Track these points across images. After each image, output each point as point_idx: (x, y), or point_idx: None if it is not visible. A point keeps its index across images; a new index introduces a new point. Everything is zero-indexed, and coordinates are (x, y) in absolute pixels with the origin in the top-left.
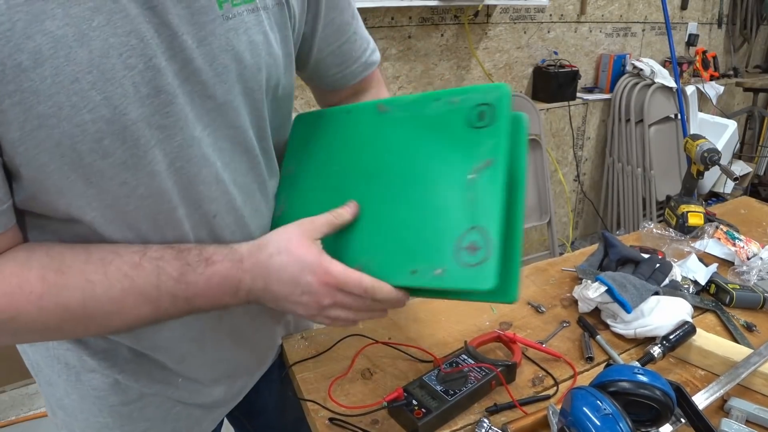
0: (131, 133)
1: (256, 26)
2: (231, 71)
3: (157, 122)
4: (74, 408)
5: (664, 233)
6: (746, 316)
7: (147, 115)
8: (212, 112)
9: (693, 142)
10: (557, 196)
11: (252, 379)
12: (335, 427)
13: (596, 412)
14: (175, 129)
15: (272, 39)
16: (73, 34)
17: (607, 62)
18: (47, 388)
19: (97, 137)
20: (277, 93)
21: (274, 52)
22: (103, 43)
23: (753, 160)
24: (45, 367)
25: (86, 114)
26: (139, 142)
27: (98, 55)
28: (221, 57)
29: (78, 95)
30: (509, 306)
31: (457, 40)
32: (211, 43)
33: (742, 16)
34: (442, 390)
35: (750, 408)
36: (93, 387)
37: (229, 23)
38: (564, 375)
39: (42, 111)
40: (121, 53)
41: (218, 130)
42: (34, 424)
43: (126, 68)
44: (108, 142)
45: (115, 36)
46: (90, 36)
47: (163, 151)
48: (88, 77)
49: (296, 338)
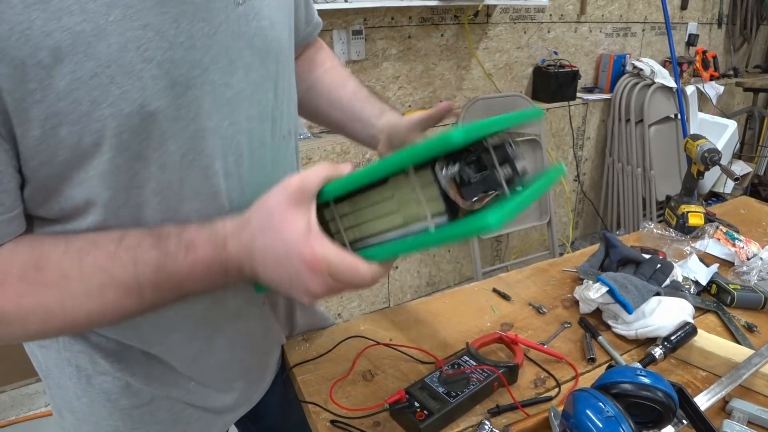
0: (148, 125)
1: (267, 8)
2: (245, 58)
3: (173, 114)
4: (84, 411)
5: (664, 233)
6: (747, 317)
7: (164, 107)
8: (231, 102)
9: (693, 142)
10: (557, 196)
11: (263, 385)
12: (337, 430)
13: (599, 414)
14: (187, 120)
15: (282, 18)
16: (91, 29)
17: (607, 62)
18: (57, 391)
19: (117, 131)
20: (288, 72)
21: (283, 33)
22: (121, 37)
23: (753, 160)
24: (54, 370)
25: (106, 109)
26: (153, 134)
27: (116, 49)
28: (235, 44)
29: (98, 90)
30: (511, 307)
31: (457, 40)
32: (225, 31)
33: (742, 16)
34: (444, 392)
35: (752, 409)
36: (104, 390)
37: (239, 9)
38: (566, 376)
39: (62, 108)
40: (138, 46)
41: (236, 120)
42: (34, 424)
43: (144, 61)
44: (127, 137)
45: (132, 29)
46: (107, 30)
47: (177, 143)
48: (107, 71)
49: (297, 340)
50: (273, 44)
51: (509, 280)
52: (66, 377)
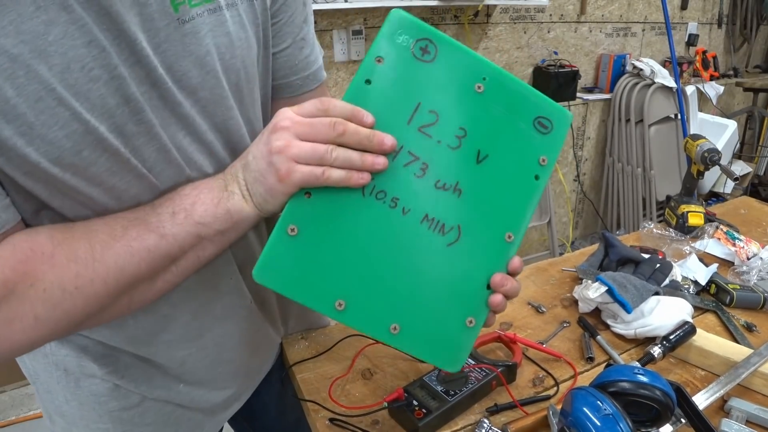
0: (108, 143)
1: (219, 27)
2: (192, 77)
3: (132, 130)
4: (74, 415)
5: (664, 233)
6: (746, 316)
7: (120, 124)
8: (186, 118)
9: (693, 142)
10: (557, 196)
11: (253, 383)
12: (335, 428)
13: (596, 413)
14: (150, 135)
15: (238, 37)
16: (29, 51)
17: (607, 62)
18: (46, 395)
19: (75, 150)
20: (250, 92)
21: (240, 52)
22: (63, 58)
23: (753, 160)
24: (43, 374)
25: (58, 131)
26: (119, 150)
27: (59, 70)
28: (180, 63)
29: (46, 113)
30: (510, 306)
31: (457, 40)
32: (167, 50)
33: (742, 16)
34: (443, 390)
35: (750, 408)
36: (93, 392)
37: (185, 27)
38: (564, 375)
39: (13, 132)
40: (83, 66)
41: (193, 134)
42: (34, 424)
43: (90, 81)
44: (87, 153)
45: (74, 48)
46: (48, 51)
47: (142, 156)
48: (53, 94)
49: (296, 338)
50: (232, 62)
51: None
52: (54, 381)
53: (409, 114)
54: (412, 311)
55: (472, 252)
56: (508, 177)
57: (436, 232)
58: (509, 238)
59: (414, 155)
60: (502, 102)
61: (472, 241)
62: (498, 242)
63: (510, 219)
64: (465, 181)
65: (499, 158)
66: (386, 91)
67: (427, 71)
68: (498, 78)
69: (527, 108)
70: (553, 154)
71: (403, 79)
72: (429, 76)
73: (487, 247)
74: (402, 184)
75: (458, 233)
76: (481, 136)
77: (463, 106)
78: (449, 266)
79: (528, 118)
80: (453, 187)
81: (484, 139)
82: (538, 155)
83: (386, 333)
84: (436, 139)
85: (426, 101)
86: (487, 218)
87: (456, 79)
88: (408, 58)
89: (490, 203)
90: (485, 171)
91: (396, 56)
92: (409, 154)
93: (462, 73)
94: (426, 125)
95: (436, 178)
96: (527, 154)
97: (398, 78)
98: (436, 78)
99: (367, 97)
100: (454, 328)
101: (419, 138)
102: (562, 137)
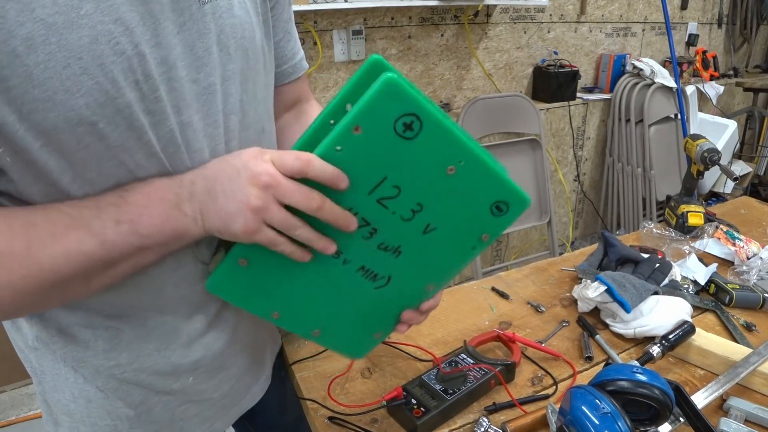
0: (124, 116)
1: (229, 10)
2: (212, 55)
3: (147, 107)
4: (81, 413)
5: (664, 233)
6: (746, 316)
7: (137, 99)
8: (201, 97)
9: (693, 142)
10: (557, 196)
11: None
12: (335, 426)
13: (595, 411)
14: (165, 114)
15: (251, 18)
16: (63, 21)
17: (607, 62)
18: (52, 394)
19: (93, 120)
20: (257, 70)
21: (254, 33)
22: (92, 30)
23: (753, 160)
24: (50, 372)
25: (80, 98)
26: (133, 125)
27: (88, 41)
28: (200, 42)
29: (71, 80)
30: (509, 305)
31: (457, 40)
32: (190, 29)
33: (742, 16)
34: (442, 389)
35: (749, 407)
36: (101, 389)
37: (205, 8)
38: (563, 374)
39: (37, 95)
40: (109, 40)
41: (208, 115)
42: (34, 424)
43: (115, 54)
44: (103, 125)
45: (103, 23)
46: (79, 23)
47: (156, 135)
48: (80, 63)
49: (296, 337)
50: (241, 42)
51: (508, 279)
52: (62, 378)
53: (371, 186)
54: (332, 324)
55: (394, 295)
56: (448, 246)
57: (368, 279)
58: (430, 288)
59: (366, 221)
60: (468, 184)
61: (396, 288)
62: (419, 291)
63: (436, 275)
64: (406, 246)
65: (444, 231)
66: (356, 163)
67: (403, 148)
68: (473, 163)
69: (491, 192)
70: (497, 233)
71: (375, 155)
72: (404, 153)
73: (407, 293)
74: (348, 243)
75: (387, 281)
76: (436, 213)
77: (428, 186)
78: (372, 301)
79: (488, 202)
80: (394, 249)
81: (437, 216)
82: (483, 233)
83: (309, 335)
84: (391, 210)
85: (392, 176)
86: (416, 273)
87: (431, 160)
88: (388, 134)
89: (423, 263)
90: (428, 240)
91: (375, 131)
92: (361, 220)
93: (439, 155)
94: (385, 198)
95: (381, 241)
96: (473, 230)
97: (371, 153)
98: (410, 156)
99: (335, 162)
100: (364, 337)
101: (375, 208)
102: (513, 220)
